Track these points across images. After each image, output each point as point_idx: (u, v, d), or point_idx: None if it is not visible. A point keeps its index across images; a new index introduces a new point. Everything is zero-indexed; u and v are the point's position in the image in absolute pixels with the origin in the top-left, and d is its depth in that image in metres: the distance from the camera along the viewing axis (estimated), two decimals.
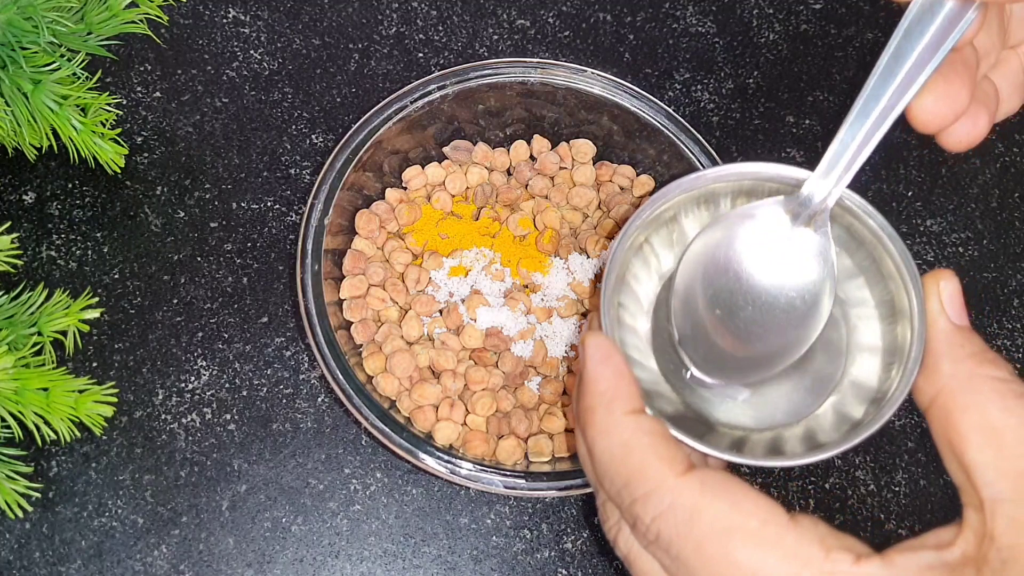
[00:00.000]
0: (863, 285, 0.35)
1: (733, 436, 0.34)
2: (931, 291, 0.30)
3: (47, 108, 0.44)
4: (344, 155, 0.46)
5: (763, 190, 0.35)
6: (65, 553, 0.44)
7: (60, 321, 0.43)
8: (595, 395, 0.29)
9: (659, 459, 0.28)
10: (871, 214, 0.33)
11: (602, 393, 0.29)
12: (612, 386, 0.29)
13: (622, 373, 0.30)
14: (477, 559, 0.46)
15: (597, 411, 0.29)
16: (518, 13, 0.58)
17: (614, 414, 0.29)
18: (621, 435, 0.28)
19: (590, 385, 0.30)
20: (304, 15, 0.56)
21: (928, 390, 0.29)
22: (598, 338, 0.31)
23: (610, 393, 0.29)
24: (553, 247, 0.49)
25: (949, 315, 0.30)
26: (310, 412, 0.48)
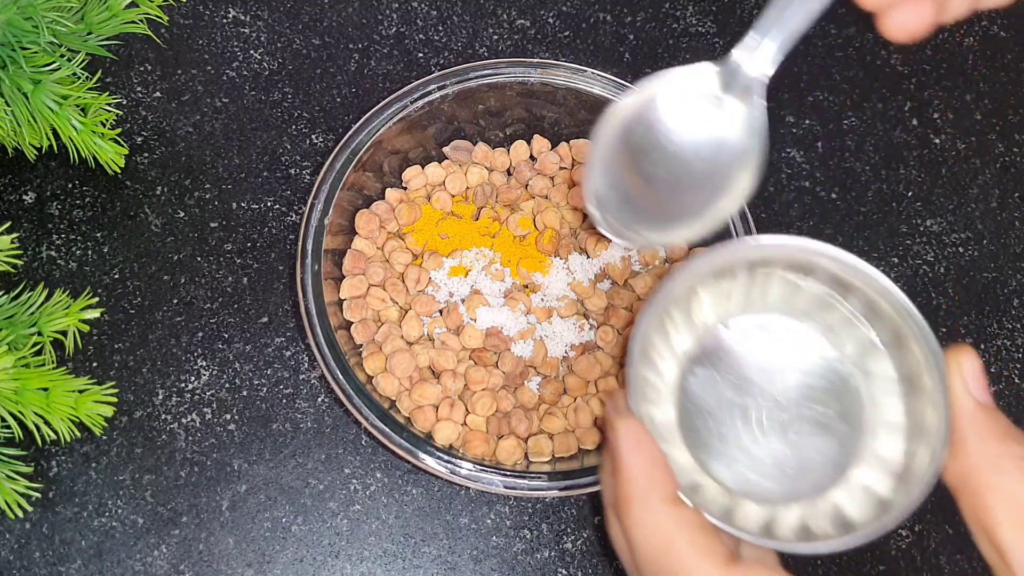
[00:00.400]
0: (885, 359, 0.35)
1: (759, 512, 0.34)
2: (953, 369, 0.31)
3: (47, 108, 0.44)
4: (344, 155, 0.46)
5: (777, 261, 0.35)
6: (65, 553, 0.44)
7: (60, 321, 0.43)
8: (631, 484, 0.30)
9: (701, 554, 0.28)
10: (891, 290, 0.34)
11: (638, 482, 0.30)
12: (647, 475, 0.30)
13: (656, 460, 0.30)
14: (477, 559, 0.46)
15: (634, 502, 0.30)
16: (518, 13, 0.58)
17: (651, 505, 0.29)
18: (661, 528, 0.29)
19: (625, 473, 0.30)
20: (304, 15, 0.56)
21: (956, 469, 0.29)
22: (630, 423, 0.31)
23: (646, 483, 0.30)
24: (553, 247, 0.49)
25: (973, 393, 0.30)
26: (310, 412, 0.48)
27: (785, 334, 0.37)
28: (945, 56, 0.59)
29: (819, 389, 0.36)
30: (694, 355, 0.36)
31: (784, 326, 0.37)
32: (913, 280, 0.53)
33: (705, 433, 0.35)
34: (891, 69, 0.58)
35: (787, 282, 0.36)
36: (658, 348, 0.36)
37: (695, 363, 0.36)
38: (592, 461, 0.43)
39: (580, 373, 0.46)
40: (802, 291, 0.36)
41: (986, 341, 0.51)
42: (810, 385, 0.36)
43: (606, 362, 0.46)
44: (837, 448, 0.35)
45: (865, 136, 0.56)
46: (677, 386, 0.36)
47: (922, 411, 0.33)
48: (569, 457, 0.45)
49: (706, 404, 0.35)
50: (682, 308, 0.36)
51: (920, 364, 0.33)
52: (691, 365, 0.36)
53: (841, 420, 0.35)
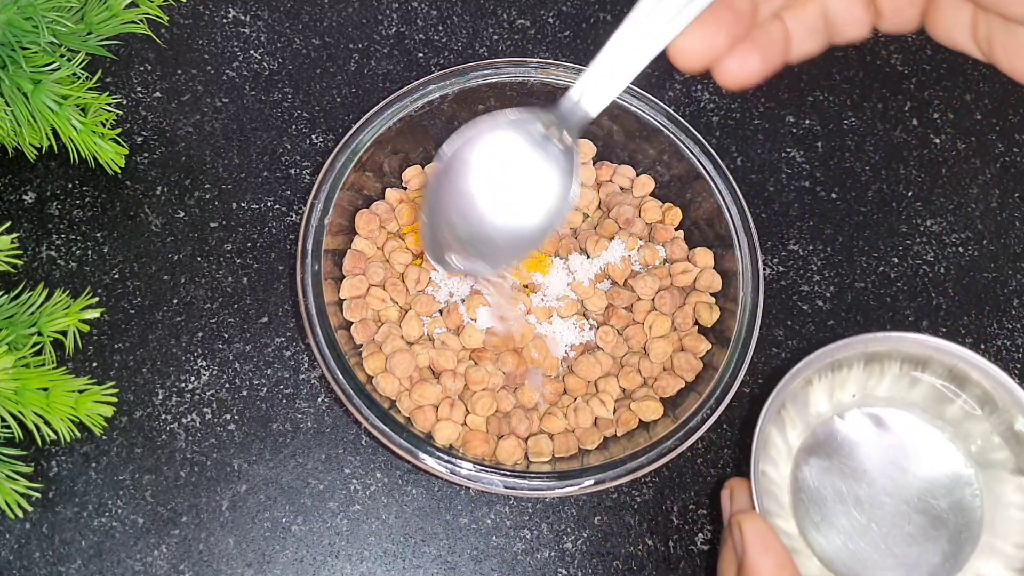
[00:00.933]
0: (1002, 451, 0.36)
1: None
2: None
3: (47, 108, 0.44)
4: (344, 155, 0.46)
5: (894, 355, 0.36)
6: (65, 553, 0.44)
7: (60, 321, 0.43)
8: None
9: None
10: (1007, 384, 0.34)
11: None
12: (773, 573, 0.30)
13: (784, 563, 0.31)
14: (477, 559, 0.46)
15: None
16: (518, 13, 0.58)
17: None
18: None
19: (753, 572, 0.31)
20: (304, 15, 0.56)
21: None
22: (757, 524, 0.31)
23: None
24: (553, 247, 0.49)
25: None
26: (310, 412, 0.48)
27: (900, 426, 0.37)
28: (945, 56, 0.59)
29: (934, 481, 0.37)
30: (809, 446, 0.37)
31: (899, 419, 0.38)
32: (913, 280, 0.53)
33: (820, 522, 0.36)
34: (891, 69, 0.58)
35: (903, 375, 0.37)
36: (775, 443, 0.36)
37: (809, 454, 0.37)
38: (592, 461, 0.43)
39: (580, 373, 0.46)
40: (918, 384, 0.37)
41: (986, 341, 0.51)
42: (925, 477, 0.37)
43: (606, 362, 0.46)
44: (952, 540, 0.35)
45: (865, 136, 0.56)
46: (792, 476, 0.36)
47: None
48: (569, 457, 0.45)
49: (821, 493, 0.36)
50: (798, 402, 0.37)
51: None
52: (805, 456, 0.37)
53: (955, 512, 0.36)
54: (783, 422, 0.37)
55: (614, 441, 0.45)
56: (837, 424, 0.38)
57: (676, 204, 0.50)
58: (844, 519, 0.36)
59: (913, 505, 0.36)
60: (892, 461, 0.37)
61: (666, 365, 0.46)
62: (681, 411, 0.43)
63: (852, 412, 0.38)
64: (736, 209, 0.46)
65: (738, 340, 0.44)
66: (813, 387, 0.37)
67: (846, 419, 0.38)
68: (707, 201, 0.47)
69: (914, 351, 0.36)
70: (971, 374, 0.36)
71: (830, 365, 0.36)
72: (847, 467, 0.37)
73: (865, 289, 0.52)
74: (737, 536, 0.32)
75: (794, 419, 0.37)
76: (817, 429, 0.38)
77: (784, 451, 0.37)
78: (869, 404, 0.38)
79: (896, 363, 0.37)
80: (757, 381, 0.49)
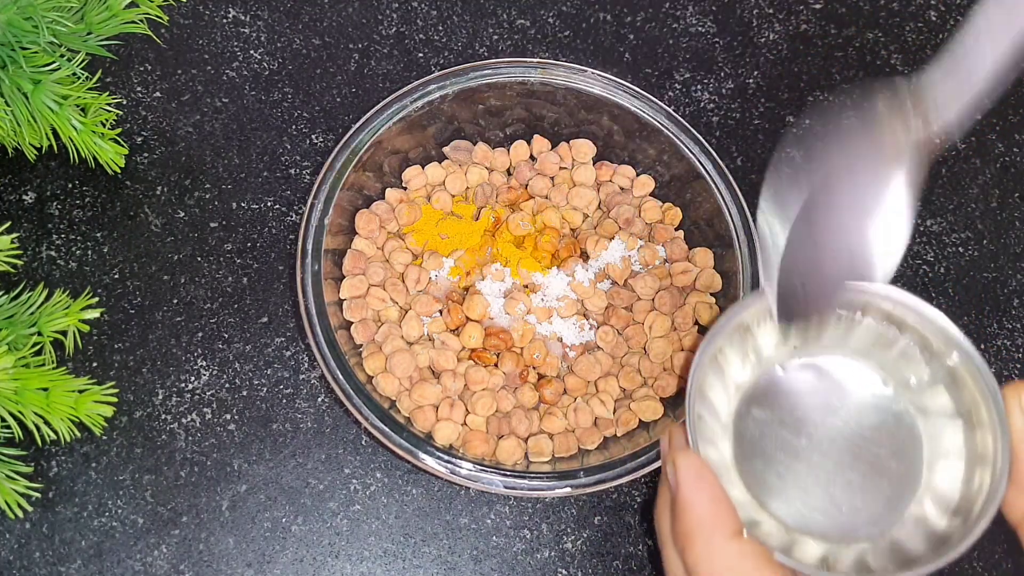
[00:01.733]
0: (940, 394, 0.36)
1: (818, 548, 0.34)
2: (1012, 405, 0.31)
3: (47, 108, 0.44)
4: (344, 155, 0.46)
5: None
6: (65, 553, 0.44)
7: (60, 321, 0.43)
8: (694, 519, 0.30)
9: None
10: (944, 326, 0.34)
11: (700, 517, 0.30)
12: (710, 510, 0.30)
13: (718, 496, 0.30)
14: (477, 559, 0.46)
15: (698, 537, 0.30)
16: (518, 13, 0.58)
17: (715, 540, 0.29)
18: (726, 562, 0.29)
19: (687, 508, 0.30)
20: (304, 15, 0.56)
21: (1019, 504, 0.29)
22: (689, 458, 0.31)
23: (709, 517, 0.30)
24: (553, 247, 0.49)
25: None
26: (310, 412, 0.48)
27: (840, 373, 0.37)
28: None
29: (874, 428, 0.36)
30: (749, 395, 0.37)
31: (839, 365, 0.37)
32: (913, 280, 0.53)
33: (761, 471, 0.35)
34: (891, 69, 0.58)
35: (842, 320, 0.37)
36: (713, 386, 0.36)
37: (751, 403, 0.37)
38: (592, 461, 0.43)
39: (580, 373, 0.46)
40: (857, 329, 0.37)
41: (986, 341, 0.51)
42: (865, 424, 0.36)
43: (606, 362, 0.46)
44: (893, 486, 0.35)
45: None
46: (732, 425, 0.36)
47: (981, 447, 0.33)
48: (569, 457, 0.45)
49: (762, 444, 0.36)
50: (736, 347, 0.36)
51: (977, 400, 0.33)
52: (747, 406, 0.36)
53: (896, 458, 0.35)
54: (722, 369, 0.36)
55: (614, 441, 0.45)
56: (777, 373, 0.37)
57: (676, 204, 0.50)
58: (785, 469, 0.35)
59: (854, 453, 0.36)
60: (832, 409, 0.37)
61: (666, 365, 0.46)
62: (681, 411, 0.43)
63: (792, 361, 0.37)
64: (736, 209, 0.46)
65: None
66: (753, 334, 0.36)
67: (786, 369, 0.37)
68: (707, 201, 0.47)
69: (851, 297, 0.36)
70: (908, 318, 0.35)
71: (767, 311, 0.36)
72: (788, 416, 0.36)
73: None
74: (671, 472, 0.31)
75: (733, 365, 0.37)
76: (760, 379, 0.37)
77: (723, 399, 0.37)
78: (808, 352, 0.38)
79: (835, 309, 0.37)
80: None
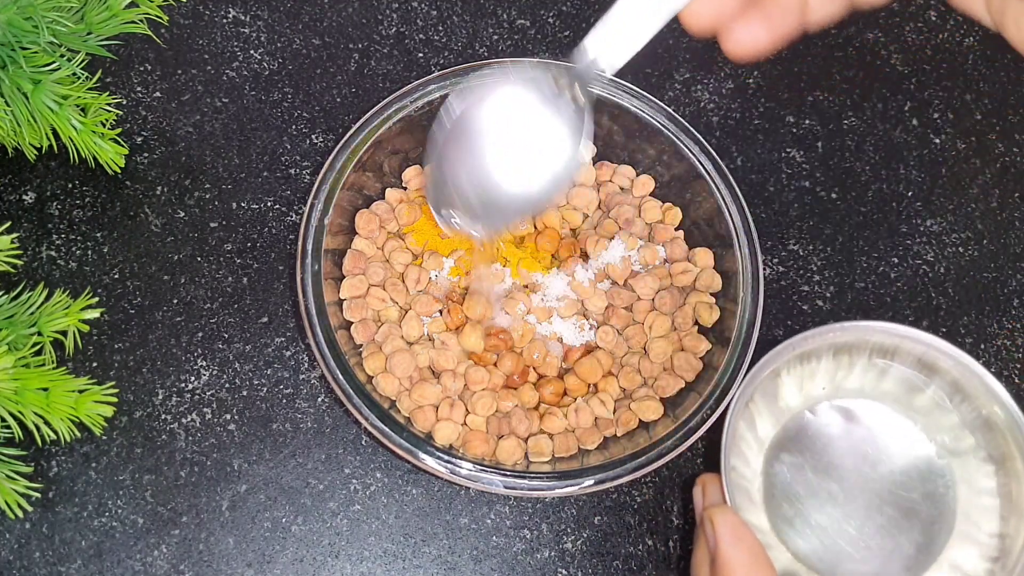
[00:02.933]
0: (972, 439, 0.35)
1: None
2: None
3: (47, 108, 0.44)
4: (344, 155, 0.46)
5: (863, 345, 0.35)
6: (65, 553, 0.44)
7: (60, 321, 0.43)
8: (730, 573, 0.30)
9: None
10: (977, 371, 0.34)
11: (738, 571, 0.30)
12: (749, 568, 0.30)
13: (758, 555, 0.30)
14: (477, 559, 0.46)
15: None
16: (518, 13, 0.58)
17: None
18: None
19: (726, 565, 0.30)
20: (304, 15, 0.56)
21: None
22: (727, 515, 0.31)
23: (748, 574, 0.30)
24: (553, 247, 0.49)
25: None
26: (310, 412, 0.48)
27: (871, 418, 0.37)
28: (945, 56, 0.59)
29: (905, 472, 0.36)
30: (780, 441, 0.36)
31: (870, 410, 0.37)
32: (913, 280, 0.53)
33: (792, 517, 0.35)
34: (891, 69, 0.58)
35: (872, 366, 0.36)
36: (745, 437, 0.36)
37: (780, 449, 0.36)
38: (592, 461, 0.43)
39: (580, 374, 0.46)
40: (887, 374, 0.36)
41: (986, 341, 0.51)
42: (897, 469, 0.36)
43: (607, 362, 0.46)
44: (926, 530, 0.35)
45: (865, 136, 0.56)
46: (762, 472, 0.36)
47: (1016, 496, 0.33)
48: (569, 457, 0.45)
49: (793, 489, 0.36)
50: (767, 394, 0.36)
51: (1011, 447, 0.33)
52: (776, 451, 0.36)
53: (928, 502, 0.35)
54: (752, 416, 0.36)
55: (614, 441, 0.45)
56: (807, 418, 0.37)
57: (676, 204, 0.50)
58: (817, 514, 0.35)
59: (885, 497, 0.36)
60: (863, 454, 0.37)
61: (666, 365, 0.46)
62: (681, 411, 0.43)
63: (822, 405, 0.37)
64: (736, 209, 0.46)
65: (738, 340, 0.44)
66: (782, 379, 0.36)
67: (816, 413, 0.37)
68: (707, 201, 0.47)
69: (882, 340, 0.36)
70: (940, 362, 0.35)
71: (799, 357, 0.36)
72: (819, 461, 0.36)
73: (865, 289, 0.52)
74: (709, 530, 0.31)
75: (763, 413, 0.37)
76: (787, 423, 0.37)
77: (755, 446, 0.37)
78: (839, 396, 0.38)
79: (865, 353, 0.36)
80: None
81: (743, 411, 0.35)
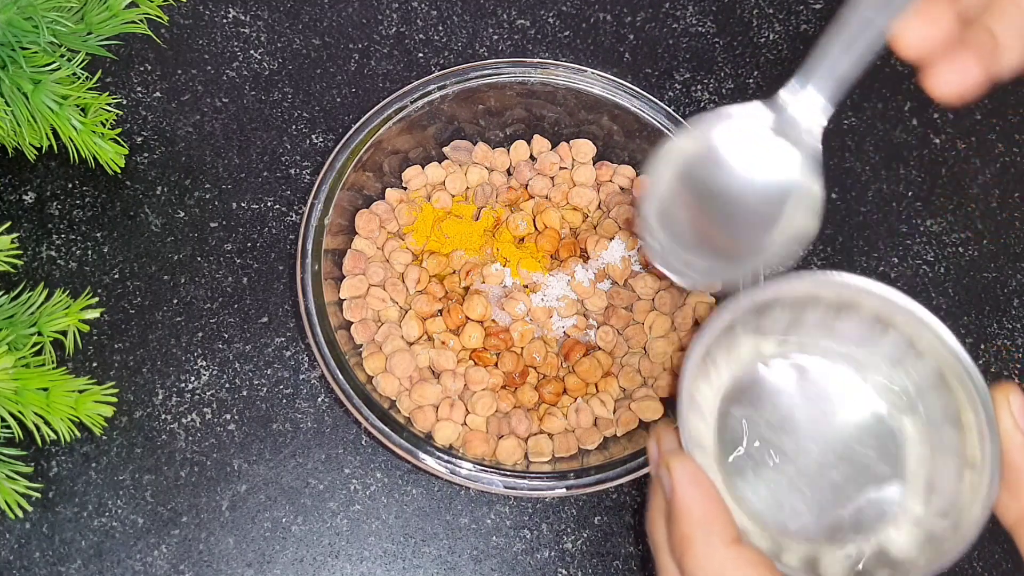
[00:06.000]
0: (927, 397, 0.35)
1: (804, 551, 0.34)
2: (1002, 406, 0.30)
3: (47, 108, 0.44)
4: (344, 155, 0.46)
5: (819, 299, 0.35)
6: (65, 553, 0.44)
7: (60, 321, 0.43)
8: (692, 524, 0.29)
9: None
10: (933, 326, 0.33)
11: (698, 521, 0.29)
12: (707, 513, 0.29)
13: (714, 499, 0.29)
14: (477, 559, 0.46)
15: (696, 542, 0.29)
16: (518, 13, 0.58)
17: (714, 544, 0.29)
18: (724, 567, 0.28)
19: (684, 513, 0.29)
20: (304, 15, 0.56)
21: (1013, 507, 0.29)
22: (684, 462, 0.30)
23: (707, 521, 0.29)
24: (553, 247, 0.49)
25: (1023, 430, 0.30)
26: (310, 412, 0.48)
27: (824, 375, 0.36)
28: None
29: (859, 429, 0.36)
30: (732, 394, 0.36)
31: (823, 366, 0.37)
32: (913, 280, 0.53)
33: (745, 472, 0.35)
34: (891, 69, 0.58)
35: (827, 320, 0.36)
36: (701, 389, 0.35)
37: (734, 402, 0.36)
38: (592, 461, 0.43)
39: (580, 374, 0.46)
40: (842, 330, 0.36)
41: (986, 341, 0.51)
42: (850, 425, 0.36)
43: (606, 362, 0.46)
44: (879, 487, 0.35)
45: (865, 136, 0.56)
46: (715, 424, 0.36)
47: (970, 450, 0.33)
48: (569, 457, 0.45)
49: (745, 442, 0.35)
50: (723, 347, 0.36)
51: (964, 401, 0.33)
52: (728, 404, 0.36)
53: (882, 460, 0.35)
54: (707, 371, 0.36)
55: (614, 441, 0.45)
56: (761, 372, 0.37)
57: None
58: (769, 470, 0.35)
59: (839, 454, 0.35)
60: (817, 410, 0.36)
61: (666, 365, 0.46)
62: None
63: (776, 360, 0.37)
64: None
65: None
66: (736, 333, 0.36)
67: (770, 367, 0.37)
68: None
69: (838, 293, 0.35)
70: (896, 317, 0.35)
71: (754, 310, 0.35)
72: (772, 417, 0.36)
73: None
74: (665, 476, 0.30)
75: (719, 364, 0.36)
76: (742, 378, 0.36)
77: (710, 399, 0.36)
78: (793, 350, 0.37)
79: (820, 308, 0.36)
80: None
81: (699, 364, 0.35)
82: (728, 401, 0.36)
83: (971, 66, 0.26)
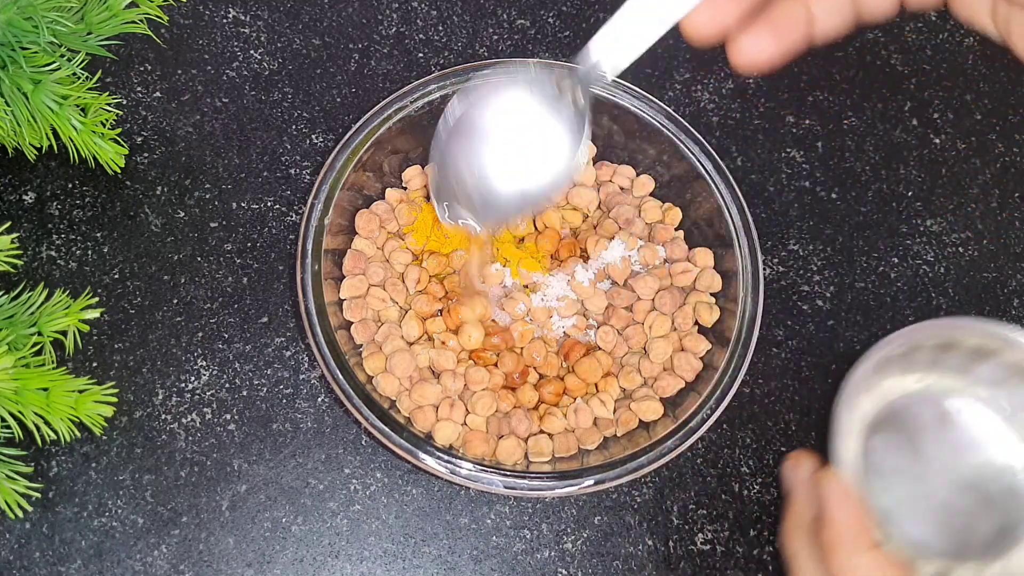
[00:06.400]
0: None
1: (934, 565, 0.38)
2: None
3: (47, 108, 0.44)
4: (344, 155, 0.46)
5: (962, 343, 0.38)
6: (65, 553, 0.44)
7: (60, 321, 0.43)
8: (842, 532, 0.34)
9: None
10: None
11: (847, 530, 0.34)
12: (856, 524, 0.34)
13: (859, 509, 0.34)
14: (477, 559, 0.46)
15: (845, 547, 0.33)
16: (518, 13, 0.58)
17: (859, 549, 0.33)
18: (866, 568, 0.33)
19: (834, 522, 0.34)
20: (304, 15, 0.56)
21: None
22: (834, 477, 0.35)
23: (854, 530, 0.33)
24: (553, 247, 0.49)
25: None
26: (310, 412, 0.48)
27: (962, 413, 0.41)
28: (945, 56, 0.59)
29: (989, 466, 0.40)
30: (875, 424, 0.39)
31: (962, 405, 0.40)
32: (913, 280, 0.53)
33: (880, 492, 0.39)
34: (891, 69, 0.58)
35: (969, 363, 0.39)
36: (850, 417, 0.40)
37: (875, 432, 0.39)
38: (592, 461, 0.43)
39: (580, 374, 0.46)
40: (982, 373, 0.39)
41: None
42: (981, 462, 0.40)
43: (607, 362, 0.46)
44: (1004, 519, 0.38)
45: (865, 136, 0.56)
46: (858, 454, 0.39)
47: None
48: (569, 457, 0.45)
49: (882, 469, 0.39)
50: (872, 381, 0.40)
51: None
52: (871, 433, 0.39)
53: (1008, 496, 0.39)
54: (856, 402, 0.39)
55: (614, 441, 0.45)
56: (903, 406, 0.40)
57: (676, 204, 0.50)
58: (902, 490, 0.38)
59: (967, 484, 0.38)
60: (951, 444, 0.40)
61: (666, 365, 0.46)
62: (681, 411, 0.43)
63: (918, 396, 0.40)
64: (736, 209, 0.46)
65: (738, 340, 0.44)
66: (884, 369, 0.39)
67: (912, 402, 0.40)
68: (707, 201, 0.47)
69: (983, 342, 0.38)
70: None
71: (903, 350, 0.38)
72: (909, 447, 0.39)
73: (865, 289, 0.52)
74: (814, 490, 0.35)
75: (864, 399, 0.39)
76: (883, 410, 0.40)
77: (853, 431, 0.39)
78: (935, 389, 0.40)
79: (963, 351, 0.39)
80: (757, 381, 0.49)
81: (853, 394, 0.38)
82: (871, 431, 0.39)
83: (764, 38, 0.27)
